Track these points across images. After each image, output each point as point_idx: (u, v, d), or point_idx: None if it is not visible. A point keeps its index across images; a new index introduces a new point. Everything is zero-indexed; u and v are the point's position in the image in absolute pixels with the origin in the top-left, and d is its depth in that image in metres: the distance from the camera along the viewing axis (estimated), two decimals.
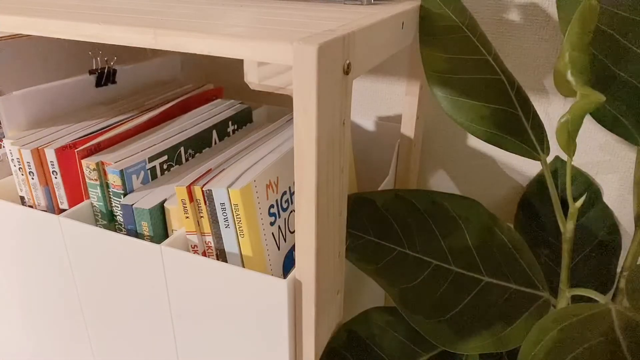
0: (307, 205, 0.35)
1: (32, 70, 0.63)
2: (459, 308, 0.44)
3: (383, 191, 0.50)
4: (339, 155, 0.37)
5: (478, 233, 0.48)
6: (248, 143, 0.53)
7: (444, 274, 0.46)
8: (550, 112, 0.65)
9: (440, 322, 0.42)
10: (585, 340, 0.33)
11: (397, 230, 0.47)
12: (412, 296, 0.44)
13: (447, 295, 0.44)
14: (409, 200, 0.50)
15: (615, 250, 0.61)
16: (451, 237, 0.48)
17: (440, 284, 0.45)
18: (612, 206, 0.66)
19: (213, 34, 0.33)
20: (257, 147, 0.52)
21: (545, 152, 0.47)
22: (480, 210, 0.50)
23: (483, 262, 0.47)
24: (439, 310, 0.43)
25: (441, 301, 0.44)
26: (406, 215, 0.49)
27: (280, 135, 0.55)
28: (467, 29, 0.49)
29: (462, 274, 0.46)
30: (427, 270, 0.46)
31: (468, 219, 0.49)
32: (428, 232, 0.48)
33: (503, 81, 0.48)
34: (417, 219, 0.49)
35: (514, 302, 0.45)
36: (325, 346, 0.43)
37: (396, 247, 0.47)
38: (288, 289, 0.39)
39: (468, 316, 0.43)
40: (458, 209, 0.50)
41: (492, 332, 0.43)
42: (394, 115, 0.74)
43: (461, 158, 0.73)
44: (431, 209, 0.49)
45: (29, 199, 0.55)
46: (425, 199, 0.50)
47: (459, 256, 0.47)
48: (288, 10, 0.45)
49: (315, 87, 0.30)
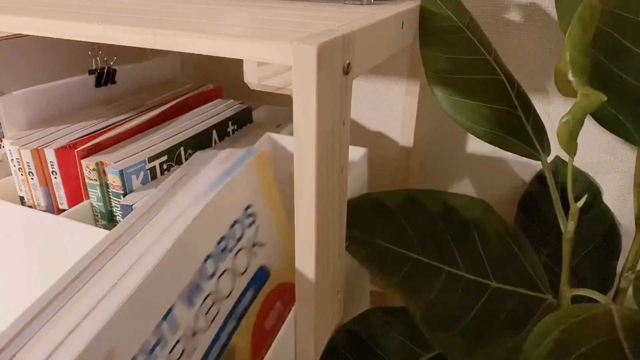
0: (307, 205, 0.35)
1: (32, 70, 0.63)
2: (470, 318, 0.43)
3: (393, 191, 0.50)
4: (339, 155, 0.37)
5: (487, 236, 0.48)
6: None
7: (456, 281, 0.45)
8: (551, 112, 0.65)
9: (454, 335, 0.42)
10: (587, 341, 0.33)
11: (411, 236, 0.47)
12: (431, 311, 0.43)
13: (459, 305, 0.44)
14: (420, 202, 0.49)
15: (615, 251, 0.61)
16: (462, 241, 0.47)
17: (453, 293, 0.44)
18: (612, 206, 0.66)
19: (213, 34, 0.33)
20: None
21: (545, 152, 0.46)
22: (490, 212, 0.49)
23: (491, 266, 0.47)
24: (452, 323, 0.43)
25: (454, 312, 0.43)
26: (418, 219, 0.48)
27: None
28: (467, 29, 0.49)
29: (472, 280, 0.46)
30: (441, 279, 0.45)
31: (478, 221, 0.49)
32: (440, 236, 0.47)
33: (503, 81, 0.48)
34: (429, 222, 0.48)
35: (520, 307, 0.45)
36: (325, 346, 0.43)
37: (411, 254, 0.46)
38: None
39: (478, 326, 0.43)
40: (468, 211, 0.49)
41: (501, 343, 0.42)
42: (394, 115, 0.74)
43: (461, 158, 0.73)
44: (442, 212, 0.49)
45: (28, 199, 0.55)
46: (436, 201, 0.49)
47: (468, 261, 0.46)
48: (288, 10, 0.45)
49: (315, 87, 0.30)
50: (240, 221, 0.38)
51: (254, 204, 0.39)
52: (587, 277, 0.59)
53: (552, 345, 0.34)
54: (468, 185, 0.74)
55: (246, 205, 0.39)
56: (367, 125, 0.76)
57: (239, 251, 0.38)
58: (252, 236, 0.39)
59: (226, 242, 0.36)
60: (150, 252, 0.30)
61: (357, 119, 0.76)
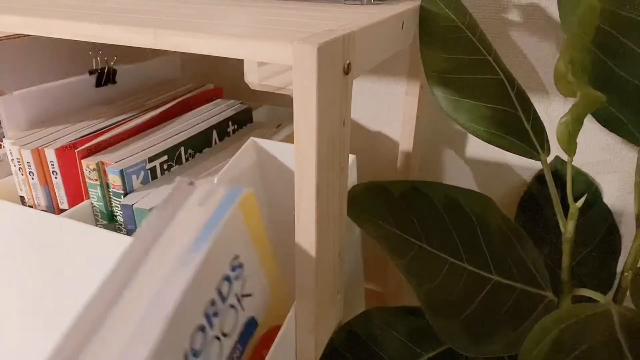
0: (307, 205, 0.35)
1: (32, 70, 0.63)
2: (471, 309, 0.43)
3: (399, 181, 0.50)
4: (339, 155, 0.37)
5: (489, 231, 0.48)
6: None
7: (459, 272, 0.45)
8: (550, 112, 0.65)
9: (455, 324, 0.42)
10: (586, 341, 0.33)
11: (415, 224, 0.47)
12: (435, 296, 0.43)
13: (461, 295, 0.44)
14: (425, 193, 0.49)
15: (615, 251, 0.61)
16: (464, 234, 0.47)
17: (456, 283, 0.44)
18: (612, 206, 0.66)
19: (213, 34, 0.33)
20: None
21: (545, 152, 0.47)
22: (493, 207, 0.49)
23: (493, 260, 0.47)
24: (455, 312, 0.43)
25: (456, 301, 0.44)
26: (423, 208, 0.48)
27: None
28: (467, 29, 0.49)
29: (474, 272, 0.46)
30: (445, 268, 0.45)
31: (480, 215, 0.49)
32: (443, 227, 0.47)
33: (503, 81, 0.48)
34: (433, 212, 0.48)
35: (521, 303, 0.45)
36: (325, 346, 0.43)
37: (417, 241, 0.46)
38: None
39: (479, 318, 0.43)
40: (472, 204, 0.49)
41: (502, 335, 0.42)
42: (393, 115, 0.74)
43: (461, 158, 0.73)
44: (446, 203, 0.49)
45: (29, 199, 0.55)
46: (441, 193, 0.49)
47: (471, 254, 0.47)
48: (288, 10, 0.45)
49: (315, 87, 0.30)
50: (227, 277, 0.34)
51: (241, 253, 0.36)
52: (587, 277, 0.59)
53: (551, 345, 0.34)
54: (468, 185, 0.74)
55: (233, 257, 0.35)
56: (367, 125, 0.76)
57: (227, 311, 0.34)
58: (239, 290, 0.36)
59: (214, 308, 0.33)
60: (141, 334, 0.27)
61: (357, 119, 0.76)
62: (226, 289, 0.34)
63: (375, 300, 0.87)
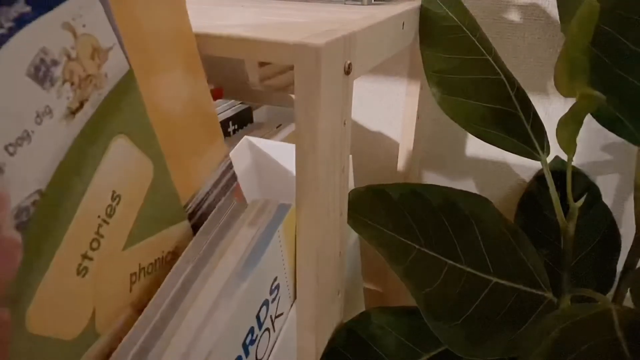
0: (307, 205, 0.35)
1: None
2: (471, 311, 0.44)
3: (397, 185, 0.50)
4: (340, 156, 0.37)
5: (488, 232, 0.48)
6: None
7: (458, 274, 0.45)
8: (550, 112, 0.65)
9: (455, 327, 0.42)
10: (586, 341, 0.33)
11: (413, 228, 0.47)
12: (434, 300, 0.43)
13: (461, 298, 0.44)
14: (423, 196, 0.49)
15: (615, 251, 0.61)
16: (463, 236, 0.47)
17: (455, 286, 0.45)
18: (612, 206, 0.67)
19: (214, 34, 0.33)
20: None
21: (545, 152, 0.47)
22: (491, 208, 0.50)
23: (492, 262, 0.47)
24: (454, 315, 0.43)
25: (456, 304, 0.44)
26: (421, 212, 0.48)
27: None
28: (467, 29, 0.49)
29: (473, 274, 0.46)
30: (444, 271, 0.45)
31: (479, 217, 0.49)
32: (442, 230, 0.47)
33: (503, 81, 0.48)
34: (432, 215, 0.48)
35: (521, 304, 0.45)
36: (325, 346, 0.43)
37: (415, 244, 0.46)
38: None
39: (479, 320, 0.43)
40: (470, 206, 0.49)
41: (502, 337, 0.42)
42: (394, 115, 0.74)
43: (461, 158, 0.73)
44: (444, 206, 0.49)
45: None
46: (439, 196, 0.50)
47: (470, 256, 0.47)
48: (289, 10, 0.45)
49: (316, 87, 0.30)
50: (266, 302, 0.33)
51: (279, 274, 0.35)
52: (587, 277, 0.59)
53: (551, 345, 0.34)
54: (468, 185, 0.74)
55: (273, 279, 0.34)
56: (367, 125, 0.76)
57: (262, 335, 0.34)
58: (274, 312, 0.36)
59: (252, 336, 0.32)
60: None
61: (357, 119, 0.77)
62: (264, 313, 0.33)
63: (375, 300, 0.87)
